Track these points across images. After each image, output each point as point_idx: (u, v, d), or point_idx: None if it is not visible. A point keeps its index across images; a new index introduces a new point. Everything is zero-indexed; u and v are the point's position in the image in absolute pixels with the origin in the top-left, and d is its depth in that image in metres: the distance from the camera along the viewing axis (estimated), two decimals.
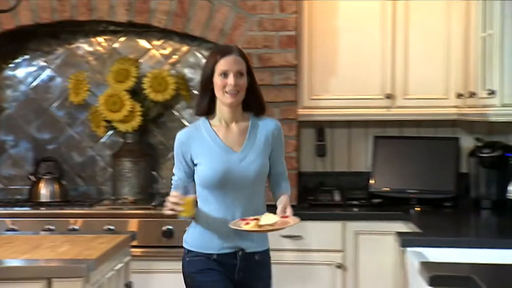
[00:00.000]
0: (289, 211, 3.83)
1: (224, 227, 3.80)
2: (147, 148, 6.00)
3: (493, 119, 5.05)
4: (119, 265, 4.33)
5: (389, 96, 5.68)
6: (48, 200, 5.73)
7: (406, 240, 4.46)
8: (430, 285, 3.48)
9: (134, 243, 4.75)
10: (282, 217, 3.78)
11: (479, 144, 5.73)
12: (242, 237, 3.84)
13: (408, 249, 4.34)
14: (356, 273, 5.25)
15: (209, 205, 3.90)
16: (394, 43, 5.68)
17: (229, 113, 3.90)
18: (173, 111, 6.06)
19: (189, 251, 3.98)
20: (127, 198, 5.76)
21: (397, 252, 4.75)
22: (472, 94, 5.26)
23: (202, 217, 3.92)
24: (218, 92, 3.82)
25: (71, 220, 5.35)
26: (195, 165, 3.94)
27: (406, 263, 4.49)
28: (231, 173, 3.83)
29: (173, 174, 4.07)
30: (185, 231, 5.24)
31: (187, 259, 3.97)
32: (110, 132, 5.98)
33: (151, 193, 5.95)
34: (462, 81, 5.59)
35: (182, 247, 5.20)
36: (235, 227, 3.69)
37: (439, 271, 3.57)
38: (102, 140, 6.07)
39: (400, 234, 4.61)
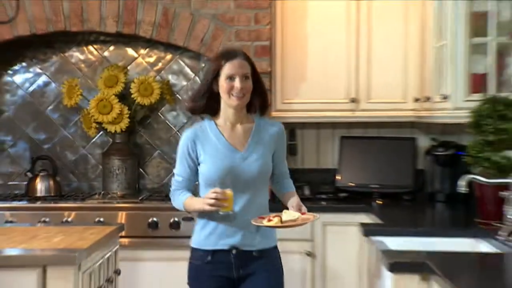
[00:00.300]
0: (304, 208, 3.69)
1: (223, 223, 3.67)
2: (134, 148, 6.02)
3: (446, 121, 5.13)
4: (108, 254, 4.34)
5: (353, 100, 5.72)
6: (44, 195, 5.71)
7: (368, 230, 4.51)
8: (390, 271, 3.54)
9: (122, 233, 4.76)
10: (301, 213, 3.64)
11: (434, 143, 5.80)
12: (238, 235, 3.66)
13: (370, 238, 4.38)
14: (324, 260, 5.29)
15: None
16: (357, 52, 5.74)
17: (234, 114, 3.72)
18: (158, 114, 6.08)
19: (192, 250, 3.80)
20: (116, 193, 5.77)
21: (361, 241, 4.79)
22: (428, 99, 5.32)
23: (204, 214, 3.72)
24: (224, 95, 3.63)
25: (65, 213, 5.35)
26: (199, 164, 3.73)
27: (369, 251, 4.53)
28: (234, 171, 3.65)
29: (173, 174, 3.87)
30: (169, 224, 5.30)
31: (189, 261, 3.82)
32: (100, 133, 5.99)
33: (138, 188, 5.97)
34: (418, 87, 5.65)
35: (166, 237, 5.28)
36: (257, 224, 3.53)
37: (398, 258, 3.63)
38: (93, 140, 6.08)
39: (363, 224, 4.66)
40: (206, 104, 3.71)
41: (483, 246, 4.19)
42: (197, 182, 3.84)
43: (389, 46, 5.75)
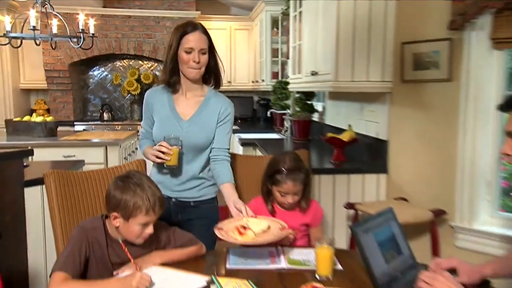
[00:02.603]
0: (250, 213, 1.56)
1: (167, 176, 1.76)
2: (142, 100, 5.67)
3: (264, 90, 5.02)
4: (132, 141, 4.16)
5: (229, 82, 5.53)
6: (107, 119, 5.36)
7: (235, 132, 4.44)
8: (241, 146, 3.54)
9: (138, 134, 4.55)
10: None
11: (259, 99, 5.72)
12: (177, 189, 1.76)
13: (235, 135, 4.33)
14: None
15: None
16: (230, 60, 5.49)
17: (189, 84, 1.77)
18: (151, 86, 5.70)
19: None
20: (136, 119, 5.45)
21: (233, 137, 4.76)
22: (257, 81, 5.23)
23: (155, 166, 1.80)
24: (182, 66, 1.73)
25: (115, 126, 5.06)
26: (153, 122, 1.81)
27: (235, 141, 4.53)
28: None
29: (141, 127, 1.91)
30: None
31: None
32: (129, 95, 5.59)
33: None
34: (253, 76, 5.49)
35: None
36: (222, 236, 1.41)
37: (246, 141, 3.61)
38: (126, 97, 5.67)
39: (233, 129, 4.61)
40: (172, 74, 1.77)
41: (276, 136, 4.22)
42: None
43: (243, 59, 5.51)
